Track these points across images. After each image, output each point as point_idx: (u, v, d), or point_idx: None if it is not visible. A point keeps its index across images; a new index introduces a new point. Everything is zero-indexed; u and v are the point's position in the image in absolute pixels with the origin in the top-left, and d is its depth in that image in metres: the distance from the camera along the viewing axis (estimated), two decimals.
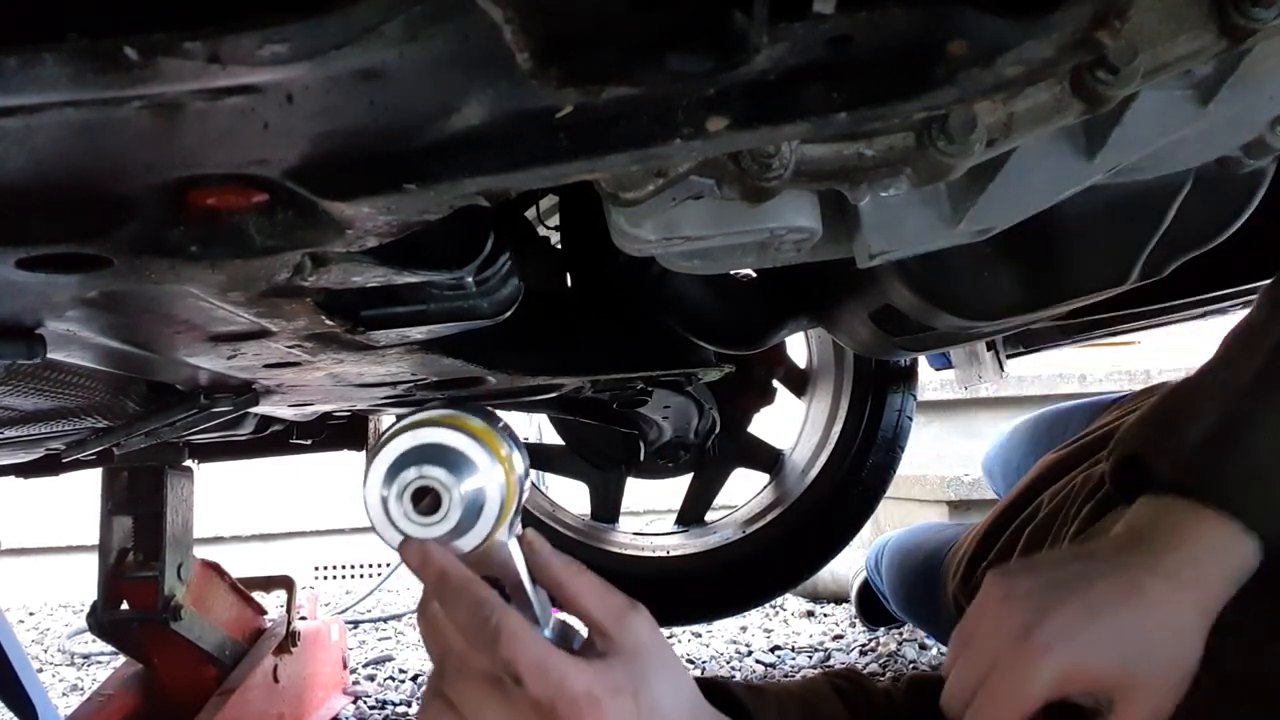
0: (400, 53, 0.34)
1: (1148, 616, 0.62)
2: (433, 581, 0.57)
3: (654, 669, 0.58)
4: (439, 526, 0.58)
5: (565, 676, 0.54)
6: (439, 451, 0.58)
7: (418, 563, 0.57)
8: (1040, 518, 1.14)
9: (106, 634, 1.51)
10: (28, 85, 0.32)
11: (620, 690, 0.55)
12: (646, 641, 0.58)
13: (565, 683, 0.54)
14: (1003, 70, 0.41)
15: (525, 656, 0.54)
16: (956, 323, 0.86)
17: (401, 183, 0.41)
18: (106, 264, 0.45)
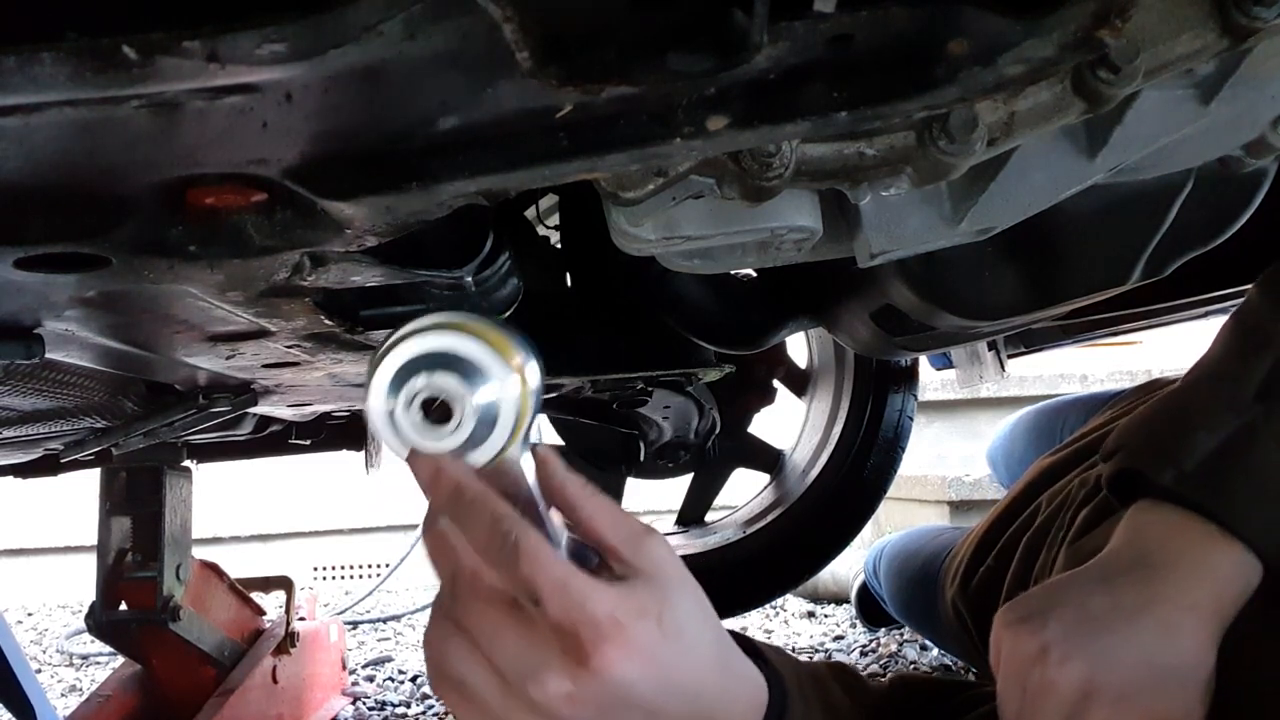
0: (399, 52, 0.34)
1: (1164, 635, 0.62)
2: (445, 496, 0.53)
3: (676, 592, 0.55)
4: (451, 439, 0.54)
5: (588, 598, 0.51)
6: (450, 358, 0.54)
7: (429, 476, 0.54)
8: (1037, 523, 1.14)
9: (105, 635, 1.50)
10: (26, 84, 0.32)
11: (645, 612, 0.52)
12: (667, 565, 0.56)
13: (587, 605, 0.51)
14: (1004, 69, 0.41)
15: (546, 576, 0.50)
16: (957, 322, 0.86)
17: (401, 182, 0.41)
18: (105, 264, 0.45)
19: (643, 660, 0.52)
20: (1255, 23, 0.43)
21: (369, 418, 0.56)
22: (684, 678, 0.55)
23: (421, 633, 1.65)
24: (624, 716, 0.53)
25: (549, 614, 0.51)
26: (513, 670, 0.52)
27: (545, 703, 0.51)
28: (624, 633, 0.51)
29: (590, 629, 0.50)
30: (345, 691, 1.97)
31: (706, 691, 0.57)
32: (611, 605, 0.52)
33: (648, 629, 0.52)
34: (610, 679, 0.51)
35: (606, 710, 0.52)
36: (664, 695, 0.54)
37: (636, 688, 0.52)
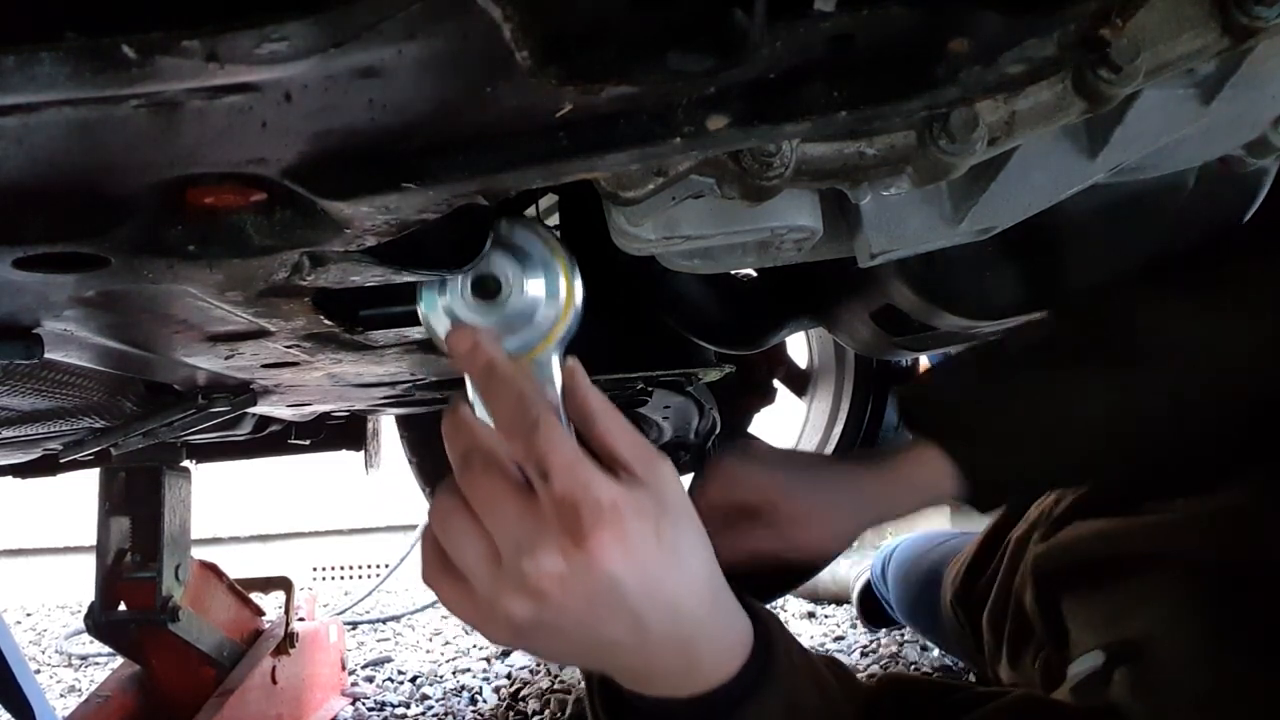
0: (399, 51, 0.34)
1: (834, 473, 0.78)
2: (480, 368, 0.55)
3: (677, 511, 0.56)
4: (492, 314, 0.57)
5: (594, 480, 0.52)
6: (510, 245, 0.57)
7: (466, 348, 0.56)
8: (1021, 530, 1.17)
9: (104, 635, 1.51)
10: (25, 84, 0.32)
11: (644, 514, 0.53)
12: (673, 487, 0.57)
13: (592, 486, 0.52)
14: (1005, 68, 0.41)
15: (559, 451, 0.52)
16: (958, 322, 0.86)
17: (400, 182, 0.41)
18: (104, 263, 0.45)
19: (635, 557, 0.52)
20: (1256, 22, 0.43)
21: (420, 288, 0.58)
22: (671, 591, 0.55)
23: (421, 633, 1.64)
24: (607, 614, 0.54)
25: (555, 488, 0.52)
26: (509, 542, 0.53)
27: (535, 579, 0.52)
28: (622, 523, 0.52)
29: (591, 509, 0.51)
30: (345, 692, 1.97)
31: (690, 614, 0.57)
32: (615, 495, 0.52)
33: (644, 530, 0.53)
34: (601, 566, 0.52)
35: (592, 601, 0.53)
36: (649, 602, 0.54)
37: (624, 583, 0.53)
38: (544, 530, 0.52)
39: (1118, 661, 0.78)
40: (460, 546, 0.55)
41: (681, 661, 0.58)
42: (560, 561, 0.52)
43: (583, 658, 0.59)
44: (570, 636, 0.55)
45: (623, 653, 0.57)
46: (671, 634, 0.56)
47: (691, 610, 0.57)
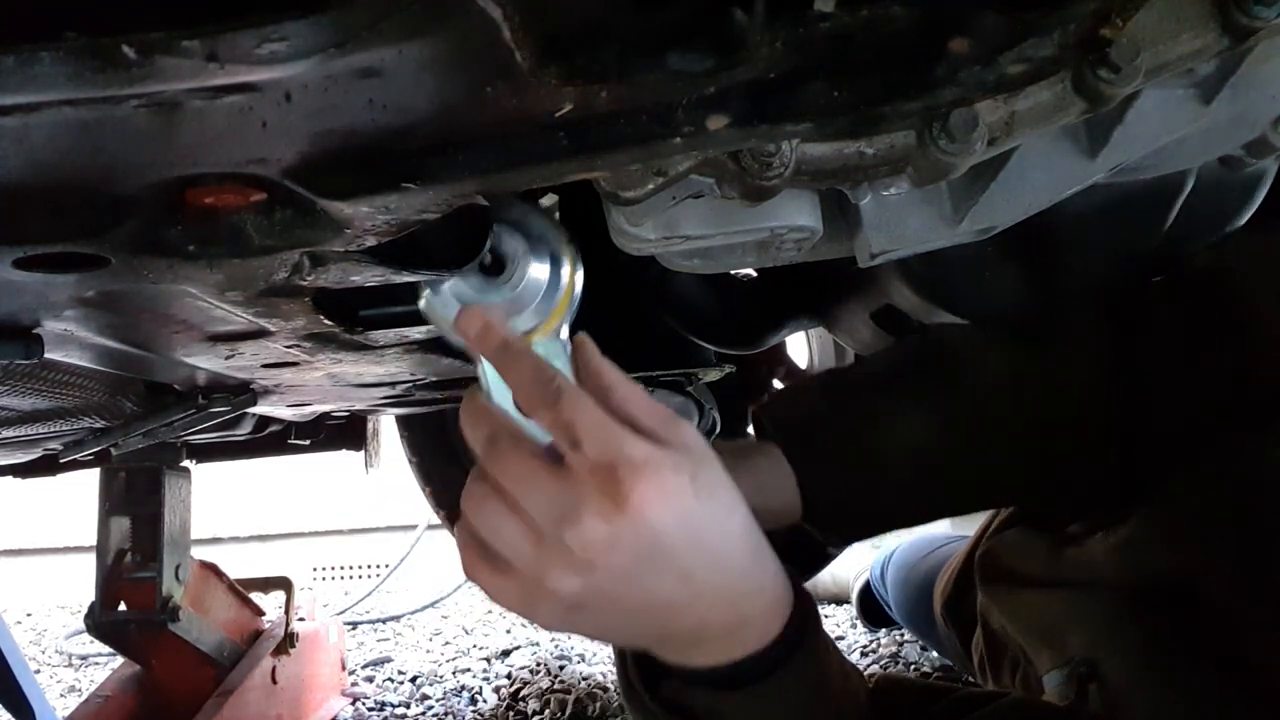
0: (399, 51, 0.34)
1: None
2: (494, 347, 0.55)
3: (710, 462, 0.56)
4: (499, 292, 0.57)
5: (626, 440, 0.52)
6: (519, 225, 0.58)
7: (478, 330, 0.56)
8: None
9: (104, 635, 1.50)
10: (25, 84, 0.32)
11: (679, 468, 0.53)
12: (699, 442, 0.57)
13: (626, 445, 0.51)
14: (1004, 68, 0.41)
15: (587, 416, 0.52)
16: (958, 322, 0.86)
17: (400, 182, 0.41)
18: (104, 263, 0.45)
19: (677, 509, 0.52)
20: (1256, 22, 0.43)
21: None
22: (714, 540, 0.55)
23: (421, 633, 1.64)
24: (657, 572, 0.53)
25: (588, 453, 0.51)
26: (548, 517, 0.52)
27: (581, 549, 0.51)
28: (660, 477, 0.51)
29: (626, 467, 0.51)
30: (345, 692, 1.97)
31: (735, 565, 0.56)
32: (648, 451, 0.52)
33: (682, 481, 0.53)
34: (645, 522, 0.51)
35: (640, 560, 0.52)
36: (697, 554, 0.54)
37: (670, 537, 0.52)
38: (582, 497, 0.51)
39: (1083, 681, 0.81)
40: (498, 530, 0.54)
41: (732, 618, 0.58)
42: (603, 525, 0.51)
43: (636, 627, 0.57)
44: (623, 604, 0.54)
45: (675, 614, 0.56)
46: (722, 587, 0.56)
47: (738, 561, 0.56)
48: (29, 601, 3.23)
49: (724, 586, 0.56)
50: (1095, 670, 0.80)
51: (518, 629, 2.48)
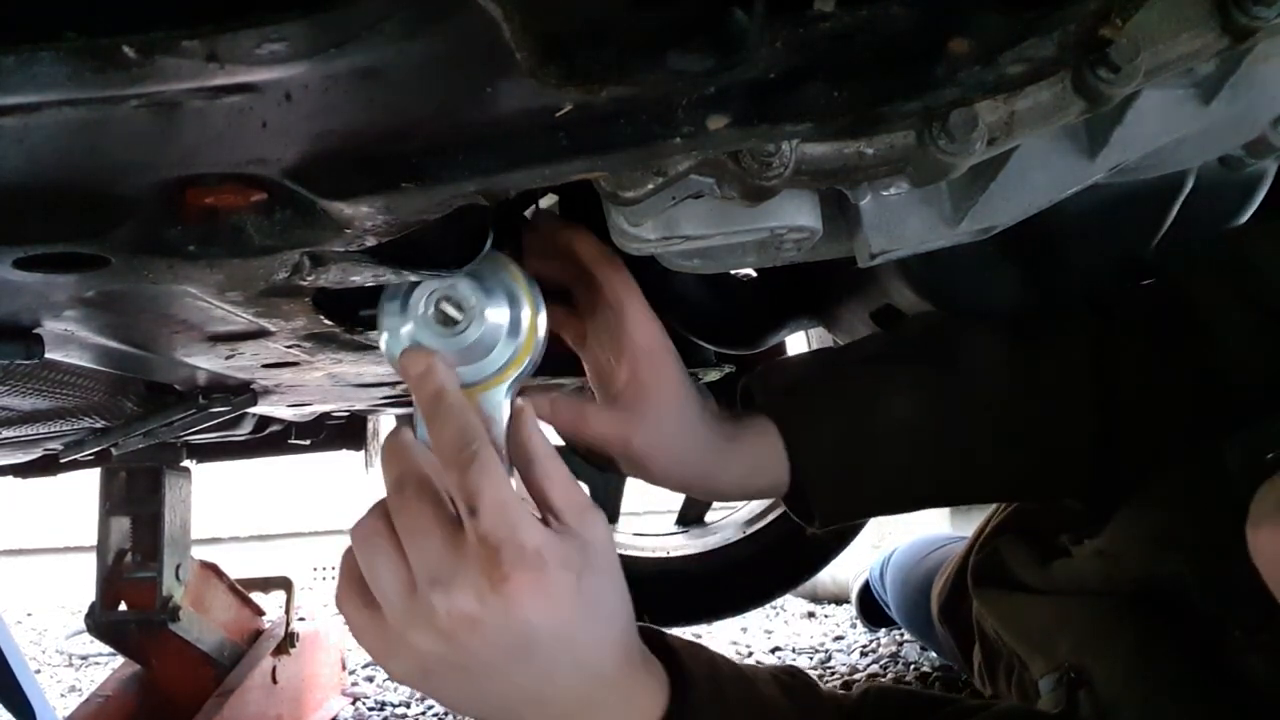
0: (399, 51, 0.34)
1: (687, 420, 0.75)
2: (428, 394, 0.55)
3: (602, 565, 0.55)
4: (449, 340, 0.57)
5: (522, 524, 0.51)
6: (478, 276, 0.57)
7: (419, 371, 0.56)
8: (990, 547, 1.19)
9: (104, 635, 1.51)
10: (25, 84, 0.32)
11: (568, 565, 0.53)
12: (602, 541, 0.56)
13: (520, 529, 0.51)
14: (1004, 68, 0.41)
15: (492, 488, 0.51)
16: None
17: (400, 182, 0.41)
18: (104, 264, 0.45)
19: (552, 607, 0.52)
20: (1256, 22, 0.43)
21: (381, 307, 0.58)
22: (585, 648, 0.54)
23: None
24: (516, 664, 0.53)
25: (481, 525, 0.51)
26: (427, 573, 0.52)
27: (447, 617, 0.51)
28: (544, 571, 0.51)
29: (513, 551, 0.51)
30: (345, 691, 1.97)
31: (601, 675, 0.56)
32: (541, 542, 0.52)
33: (566, 581, 0.52)
34: (516, 612, 0.51)
35: (501, 648, 0.52)
36: (561, 656, 0.53)
37: (538, 633, 0.52)
38: (464, 567, 0.51)
39: (1073, 686, 0.81)
40: (378, 570, 0.54)
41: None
42: (474, 602, 0.51)
43: (487, 709, 0.57)
44: (474, 683, 0.54)
45: (525, 708, 0.56)
46: (578, 693, 0.55)
47: (603, 671, 0.56)
48: (29, 601, 3.23)
49: (582, 694, 0.55)
50: (1084, 676, 0.81)
51: None
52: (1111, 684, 0.78)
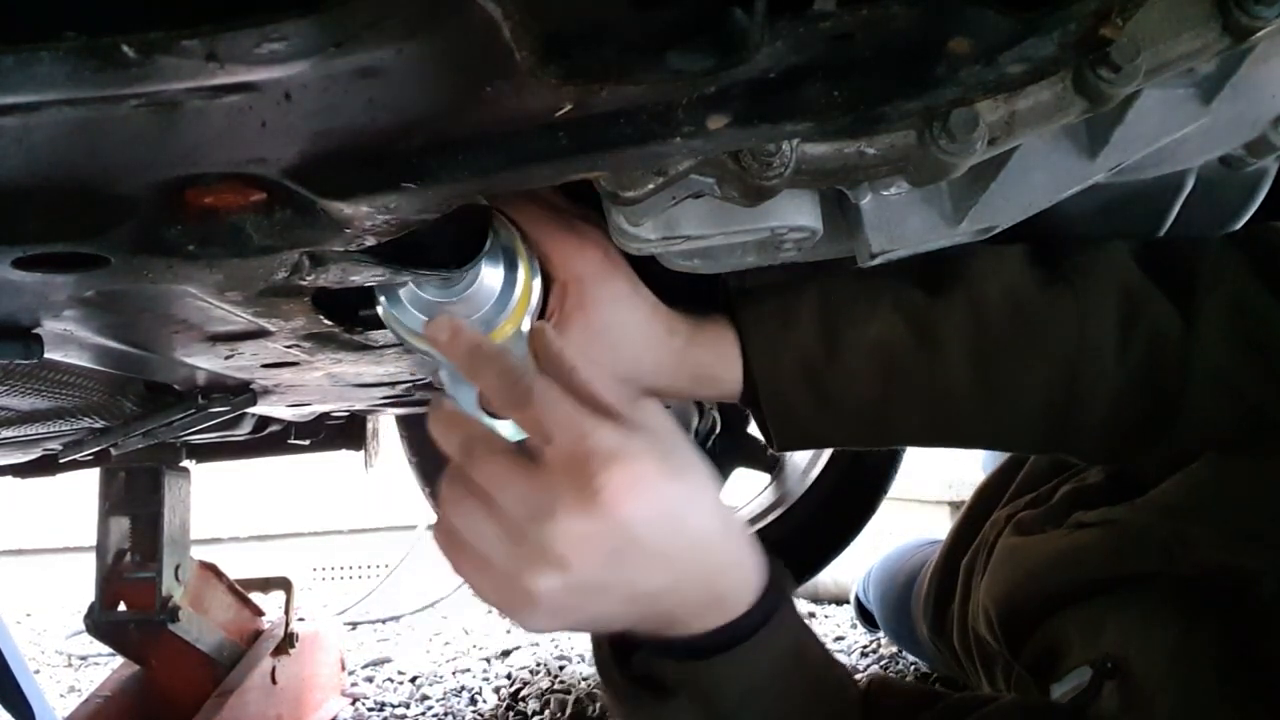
0: (399, 51, 0.34)
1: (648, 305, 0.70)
2: (464, 353, 0.57)
3: (676, 440, 0.57)
4: (454, 294, 0.59)
5: (598, 428, 0.52)
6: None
7: (448, 335, 0.57)
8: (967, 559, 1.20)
9: (104, 635, 1.50)
10: (25, 83, 0.32)
11: (649, 452, 0.53)
12: (663, 420, 0.57)
13: (595, 436, 0.52)
14: (1005, 68, 0.41)
15: (557, 410, 0.53)
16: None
17: (400, 181, 0.41)
18: (104, 263, 0.45)
19: (650, 496, 0.53)
20: (1256, 22, 0.43)
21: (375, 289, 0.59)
22: (689, 522, 0.55)
23: (421, 633, 1.64)
24: (634, 562, 0.54)
25: (560, 446, 0.52)
26: (524, 513, 0.53)
27: (557, 545, 0.52)
28: (631, 465, 0.52)
29: (598, 458, 0.52)
30: (344, 692, 1.97)
31: (710, 543, 0.57)
32: (618, 438, 0.53)
33: (654, 465, 0.53)
34: (619, 513, 0.52)
35: (617, 552, 0.53)
36: (670, 538, 0.54)
37: (645, 526, 0.53)
38: (557, 493, 0.52)
39: (1105, 676, 0.79)
40: (478, 530, 0.55)
41: (707, 594, 0.58)
42: (578, 520, 0.52)
43: (618, 616, 0.58)
44: (603, 596, 0.55)
45: (655, 599, 0.57)
46: (698, 567, 0.57)
47: (712, 539, 0.57)
48: (29, 602, 3.23)
49: (700, 566, 0.57)
50: (1120, 667, 0.78)
51: (518, 629, 2.49)
52: (1151, 675, 0.76)
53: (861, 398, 0.71)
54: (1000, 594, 1.01)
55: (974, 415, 0.71)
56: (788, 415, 0.73)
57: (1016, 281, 0.69)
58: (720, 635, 0.59)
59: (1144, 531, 0.85)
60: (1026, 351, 0.68)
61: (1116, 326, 0.67)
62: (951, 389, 0.69)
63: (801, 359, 0.70)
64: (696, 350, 0.71)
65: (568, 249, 0.66)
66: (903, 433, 0.75)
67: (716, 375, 0.72)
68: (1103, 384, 0.68)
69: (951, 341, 0.68)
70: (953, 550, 1.29)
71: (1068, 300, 0.68)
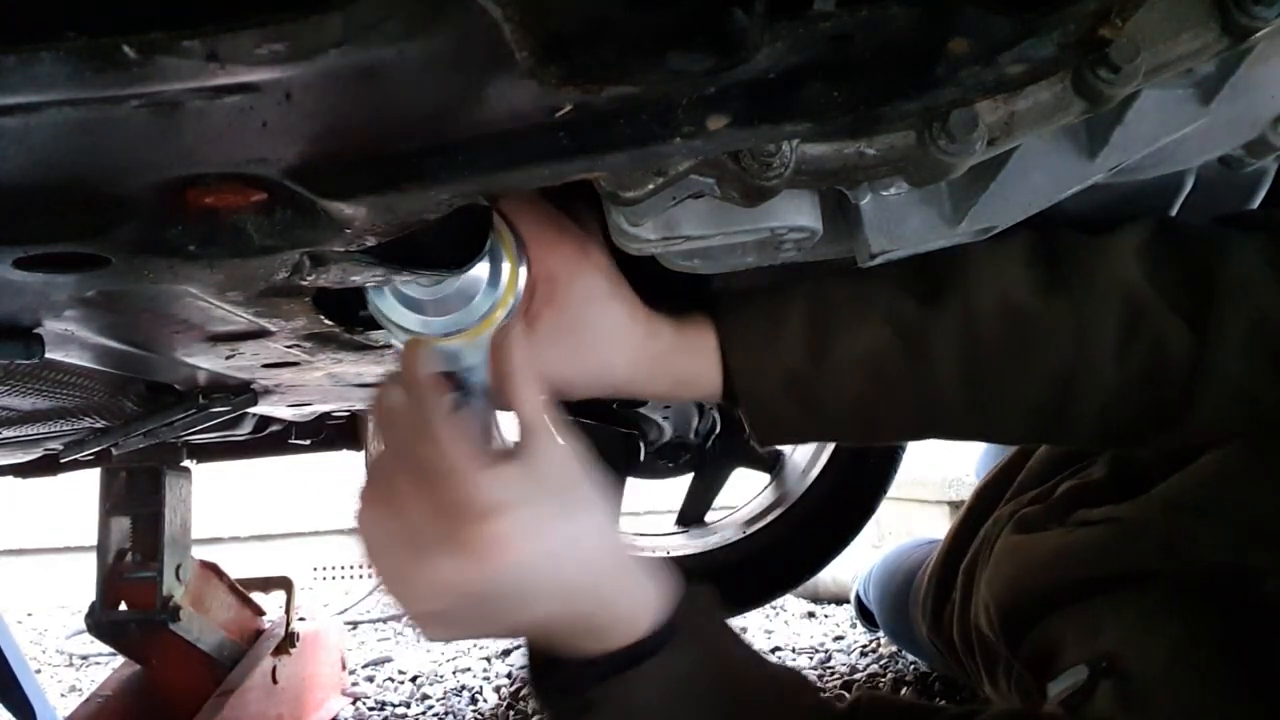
0: (399, 51, 0.34)
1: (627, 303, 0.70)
2: (406, 372, 0.58)
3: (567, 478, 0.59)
4: (433, 289, 0.59)
5: (471, 482, 0.54)
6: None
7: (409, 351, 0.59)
8: (969, 557, 1.20)
9: (105, 635, 1.51)
10: (26, 84, 0.32)
11: (527, 499, 0.55)
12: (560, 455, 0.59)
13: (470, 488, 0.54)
14: (1004, 69, 0.41)
15: (442, 459, 0.54)
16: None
17: (400, 182, 0.41)
18: (105, 263, 0.45)
19: (519, 544, 0.55)
20: (1256, 22, 0.43)
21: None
22: (563, 564, 0.57)
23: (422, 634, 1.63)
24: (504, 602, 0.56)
25: (437, 496, 0.55)
26: (415, 539, 0.55)
27: (434, 578, 0.55)
28: (503, 515, 0.54)
29: (472, 512, 0.54)
30: (345, 691, 1.97)
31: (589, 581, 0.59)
32: (494, 493, 0.54)
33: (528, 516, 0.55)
34: (491, 563, 0.54)
35: (486, 596, 0.55)
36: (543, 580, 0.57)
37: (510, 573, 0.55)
38: (436, 535, 0.55)
39: (1101, 675, 0.79)
40: (379, 536, 0.57)
41: (584, 628, 0.61)
42: (451, 566, 0.54)
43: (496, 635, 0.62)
44: (486, 624, 0.59)
45: (529, 630, 0.61)
46: (571, 609, 0.59)
47: (589, 584, 0.59)
48: (30, 601, 3.23)
49: (575, 608, 0.59)
50: (1116, 666, 0.78)
51: None
52: (1149, 675, 0.76)
53: (848, 406, 0.70)
54: (1001, 590, 1.01)
55: (962, 420, 0.71)
56: (771, 421, 0.72)
57: (1013, 289, 0.67)
58: (610, 660, 0.61)
59: (1147, 528, 0.85)
60: (1020, 364, 0.67)
61: (1116, 337, 0.66)
62: (940, 399, 0.69)
63: (787, 370, 0.69)
64: (678, 356, 0.71)
65: (543, 244, 0.66)
66: (887, 434, 0.76)
67: (698, 381, 0.72)
68: (1097, 392, 0.67)
69: (942, 354, 0.67)
70: (952, 549, 1.29)
71: (1065, 308, 0.66)
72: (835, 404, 0.70)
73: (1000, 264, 0.68)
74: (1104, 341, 0.66)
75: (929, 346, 0.67)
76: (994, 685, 1.10)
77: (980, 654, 1.11)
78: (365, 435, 1.79)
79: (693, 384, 0.72)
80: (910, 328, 0.67)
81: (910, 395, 0.69)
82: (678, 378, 0.71)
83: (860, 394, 0.69)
